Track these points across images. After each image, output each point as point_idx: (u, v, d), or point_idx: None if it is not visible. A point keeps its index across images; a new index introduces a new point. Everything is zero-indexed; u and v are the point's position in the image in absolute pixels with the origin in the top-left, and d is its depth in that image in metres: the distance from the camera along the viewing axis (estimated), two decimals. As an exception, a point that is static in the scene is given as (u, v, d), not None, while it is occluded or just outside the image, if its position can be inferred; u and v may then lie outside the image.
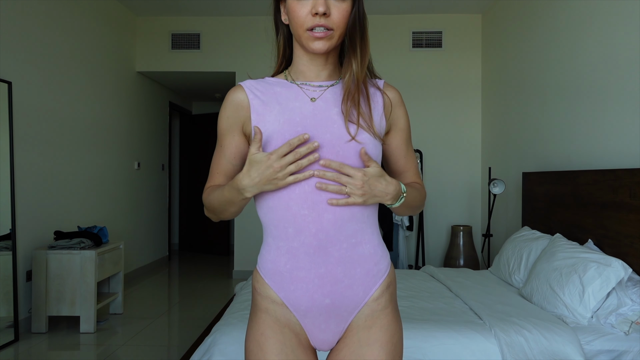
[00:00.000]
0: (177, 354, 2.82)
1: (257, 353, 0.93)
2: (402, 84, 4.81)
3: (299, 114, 0.93)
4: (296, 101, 0.95)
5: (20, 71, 3.15)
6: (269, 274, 0.95)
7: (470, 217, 4.80)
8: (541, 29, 3.48)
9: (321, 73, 0.98)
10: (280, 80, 1.00)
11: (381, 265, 0.97)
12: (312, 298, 0.92)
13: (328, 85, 0.98)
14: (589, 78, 2.84)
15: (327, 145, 0.90)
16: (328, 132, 0.91)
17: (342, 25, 0.90)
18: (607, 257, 2.16)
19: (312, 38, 0.89)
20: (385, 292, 0.96)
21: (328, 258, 0.90)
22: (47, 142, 3.45)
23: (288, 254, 0.92)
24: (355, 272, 0.92)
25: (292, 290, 0.92)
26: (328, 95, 0.96)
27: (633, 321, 1.97)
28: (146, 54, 4.98)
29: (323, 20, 0.87)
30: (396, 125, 1.03)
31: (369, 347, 0.92)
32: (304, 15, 0.88)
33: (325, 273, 0.91)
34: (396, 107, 1.02)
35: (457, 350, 1.88)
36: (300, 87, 0.97)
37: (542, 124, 3.45)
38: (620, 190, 2.32)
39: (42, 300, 3.10)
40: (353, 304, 0.93)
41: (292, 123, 0.91)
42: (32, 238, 3.25)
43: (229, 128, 0.98)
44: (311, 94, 0.96)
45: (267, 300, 0.95)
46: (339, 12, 0.88)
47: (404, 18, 4.83)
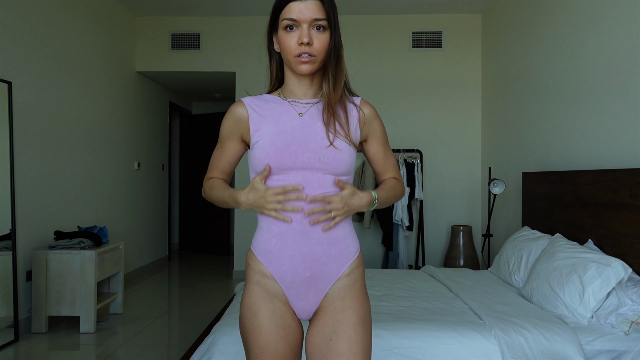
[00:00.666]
0: (177, 354, 2.82)
1: (250, 318, 1.14)
2: (402, 84, 4.81)
3: (289, 126, 1.15)
4: (287, 115, 1.17)
5: (20, 71, 3.15)
6: (261, 252, 1.16)
7: (470, 217, 4.80)
8: (541, 29, 3.48)
9: (308, 92, 1.20)
10: (274, 97, 1.21)
11: (352, 248, 1.19)
12: (296, 272, 1.13)
13: (313, 103, 1.20)
14: (590, 78, 2.84)
15: (311, 152, 1.12)
16: (312, 141, 1.13)
17: (322, 52, 1.12)
18: (607, 257, 2.16)
19: (299, 62, 1.11)
20: (355, 271, 1.18)
21: (309, 239, 1.13)
22: (47, 142, 3.45)
23: (277, 236, 1.14)
24: (330, 251, 1.15)
25: (279, 266, 1.14)
26: (313, 110, 1.18)
27: (633, 321, 1.97)
28: (146, 54, 4.98)
29: (307, 48, 1.10)
30: (373, 135, 1.26)
31: (343, 312, 1.13)
32: (292, 44, 1.11)
33: (307, 251, 1.13)
34: (371, 120, 1.24)
35: (457, 350, 1.88)
36: (290, 104, 1.19)
37: (542, 124, 3.45)
38: (621, 190, 2.32)
39: (42, 300, 3.10)
40: (328, 277, 1.15)
41: (283, 133, 1.14)
42: (32, 238, 3.25)
43: (230, 136, 1.21)
44: (299, 109, 1.18)
45: (258, 274, 1.16)
46: (319, 42, 1.11)
47: (404, 18, 4.83)
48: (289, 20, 1.10)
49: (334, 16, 1.13)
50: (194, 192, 6.63)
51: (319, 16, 1.10)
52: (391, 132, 4.77)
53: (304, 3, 1.09)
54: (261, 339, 1.12)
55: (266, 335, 1.12)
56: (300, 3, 1.09)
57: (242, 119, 1.18)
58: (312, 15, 1.09)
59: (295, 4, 1.09)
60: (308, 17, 1.09)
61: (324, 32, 1.11)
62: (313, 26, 1.10)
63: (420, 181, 4.50)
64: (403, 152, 4.58)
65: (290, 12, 1.10)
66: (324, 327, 1.13)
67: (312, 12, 1.09)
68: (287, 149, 1.11)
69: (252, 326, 1.13)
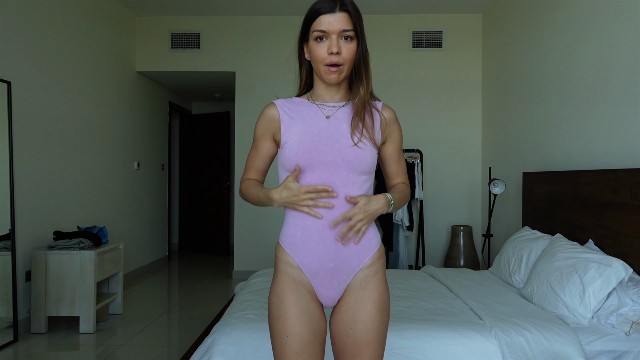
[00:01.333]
0: (177, 354, 2.82)
1: (278, 304, 1.22)
2: (402, 84, 4.81)
3: (317, 127, 1.25)
4: (315, 118, 1.27)
5: (19, 71, 3.15)
6: (288, 245, 1.25)
7: (470, 217, 4.79)
8: (541, 29, 3.48)
9: (335, 96, 1.30)
10: (303, 100, 1.32)
11: (373, 242, 1.27)
12: (320, 262, 1.22)
13: (340, 106, 1.29)
14: (590, 78, 2.83)
15: (336, 151, 1.21)
16: (337, 142, 1.23)
17: (349, 61, 1.21)
18: (608, 258, 2.16)
19: (328, 72, 1.21)
20: (376, 262, 1.26)
21: (332, 233, 1.21)
22: (47, 142, 3.44)
23: (303, 230, 1.23)
24: (352, 244, 1.23)
25: (305, 257, 1.23)
26: (339, 114, 1.28)
27: (634, 321, 1.97)
28: (146, 53, 4.97)
29: (335, 57, 1.19)
30: (391, 137, 1.34)
31: (363, 304, 1.22)
32: (322, 54, 1.20)
33: (331, 244, 1.21)
34: (391, 124, 1.33)
35: (457, 350, 1.87)
36: (318, 107, 1.29)
37: (543, 123, 3.45)
38: (621, 190, 2.32)
39: (41, 300, 3.09)
40: (350, 268, 1.24)
41: (311, 134, 1.24)
42: (31, 238, 3.25)
43: (263, 135, 1.31)
44: (327, 112, 1.28)
45: (286, 265, 1.25)
46: (347, 51, 1.21)
47: (404, 18, 4.82)
48: (320, 32, 1.19)
49: (360, 27, 1.23)
50: (193, 192, 6.63)
51: (347, 27, 1.19)
52: (391, 132, 4.77)
53: (333, 16, 1.19)
54: (287, 324, 1.19)
55: (292, 319, 1.19)
56: (330, 16, 1.19)
57: (275, 119, 1.28)
58: (341, 27, 1.19)
59: (325, 17, 1.19)
60: (337, 28, 1.18)
61: (351, 42, 1.21)
62: (341, 37, 1.19)
63: (420, 181, 4.49)
64: (403, 152, 4.57)
65: (320, 24, 1.19)
66: (345, 315, 1.23)
67: (340, 24, 1.19)
68: (314, 148, 1.21)
69: (279, 312, 1.21)
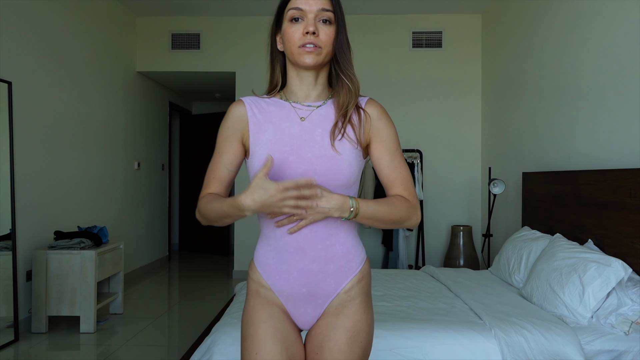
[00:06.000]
0: (177, 354, 2.82)
1: (247, 323, 1.12)
2: (402, 84, 4.81)
3: (288, 134, 1.09)
4: (287, 121, 1.11)
5: (20, 71, 3.15)
6: (260, 264, 1.14)
7: (470, 217, 4.80)
8: (541, 29, 3.48)
9: (311, 93, 1.13)
10: (275, 100, 1.15)
11: (353, 263, 1.13)
12: (292, 286, 1.10)
13: (316, 106, 1.13)
14: (590, 78, 2.84)
15: (308, 163, 1.06)
16: (310, 151, 1.07)
17: (328, 45, 1.07)
18: (607, 257, 2.16)
19: (304, 52, 1.06)
20: (356, 286, 1.12)
21: (305, 256, 1.08)
22: (47, 142, 3.45)
23: (275, 251, 1.10)
24: (328, 268, 1.09)
25: (277, 279, 1.11)
26: (314, 116, 1.12)
27: (633, 321, 1.97)
28: (146, 54, 4.98)
29: (312, 38, 1.05)
30: (378, 137, 1.13)
31: (334, 330, 1.09)
32: (297, 35, 1.06)
33: (303, 268, 1.09)
34: (377, 121, 1.13)
35: (457, 350, 1.88)
36: (292, 107, 1.13)
37: (542, 123, 3.45)
38: (621, 190, 2.32)
39: (42, 300, 3.10)
40: (326, 293, 1.11)
41: (282, 143, 1.08)
42: (32, 238, 3.25)
43: (229, 137, 1.13)
44: (301, 113, 1.12)
45: (257, 284, 1.14)
46: (325, 34, 1.07)
47: (404, 18, 4.82)
48: (295, 10, 1.07)
49: (340, 13, 1.11)
50: (194, 192, 6.63)
51: (326, 7, 1.07)
52: (391, 132, 4.77)
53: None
54: (257, 342, 1.07)
55: (262, 337, 1.08)
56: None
57: (242, 119, 1.12)
58: (319, 6, 1.07)
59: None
60: (314, 7, 1.06)
61: (330, 25, 1.08)
62: (319, 19, 1.07)
63: (420, 181, 4.50)
64: (403, 152, 4.58)
65: (296, 2, 1.07)
66: (314, 338, 1.11)
67: (318, 3, 1.07)
68: (285, 160, 1.06)
69: (249, 331, 1.10)
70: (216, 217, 1.08)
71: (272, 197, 0.95)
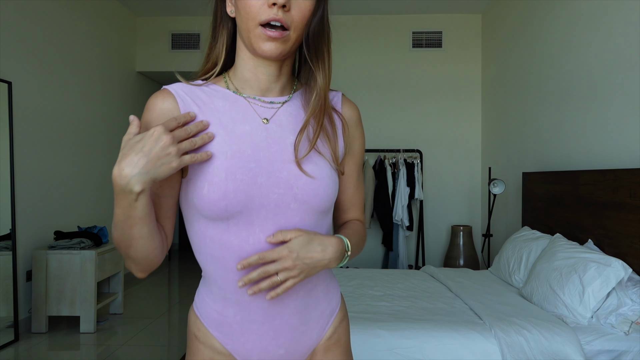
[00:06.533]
0: (177, 354, 2.82)
1: None
2: (402, 84, 4.81)
3: (250, 143, 0.76)
4: (245, 123, 0.77)
5: (20, 71, 3.15)
6: (214, 324, 0.82)
7: (470, 217, 4.80)
8: (541, 29, 3.48)
9: (273, 85, 0.81)
10: (220, 89, 0.80)
11: (333, 302, 0.88)
12: (266, 350, 0.81)
13: (281, 102, 0.81)
14: (589, 78, 2.84)
15: (285, 185, 0.76)
16: (285, 168, 0.76)
17: (300, 26, 0.74)
18: (607, 257, 2.16)
19: (264, 37, 0.73)
20: (339, 327, 0.89)
21: (284, 309, 0.80)
22: (47, 142, 3.45)
23: (238, 306, 0.79)
24: (310, 316, 0.84)
25: (242, 343, 0.81)
26: (282, 116, 0.80)
27: (633, 321, 1.97)
28: (146, 54, 4.98)
29: (281, 13, 0.71)
30: (351, 149, 0.87)
31: None
32: (258, 5, 0.71)
33: (281, 324, 0.80)
34: (353, 128, 0.87)
35: (457, 350, 1.88)
36: (248, 102, 0.79)
37: (542, 124, 3.45)
38: (620, 190, 2.32)
39: (42, 300, 3.10)
40: (307, 348, 0.85)
41: (243, 157, 0.74)
42: (32, 238, 3.25)
43: None
44: (263, 112, 0.79)
45: (210, 351, 0.82)
46: (299, 10, 0.73)
47: (404, 18, 4.83)
48: None
49: None
50: (194, 192, 6.62)
51: None
52: (391, 132, 4.78)
53: None
54: None
55: None
56: None
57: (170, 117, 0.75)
58: None
59: None
60: None
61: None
62: None
63: (420, 181, 4.50)
64: (403, 152, 4.58)
65: None
66: None
67: None
68: (252, 183, 0.74)
69: None
70: (122, 234, 0.71)
71: (157, 141, 0.66)
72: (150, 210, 0.70)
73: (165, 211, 0.78)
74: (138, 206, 0.68)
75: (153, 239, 0.74)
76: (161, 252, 0.77)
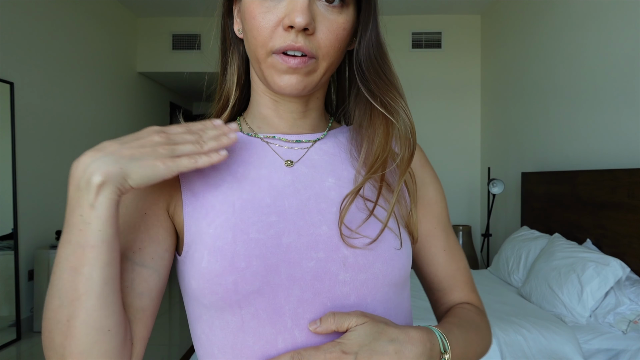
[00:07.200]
0: (178, 354, 2.84)
1: None
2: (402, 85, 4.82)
3: (269, 189, 0.53)
4: (262, 167, 0.55)
5: (22, 72, 3.17)
6: None
7: (469, 217, 4.81)
8: (540, 30, 3.49)
9: (299, 122, 0.60)
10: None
11: None
12: None
13: (312, 140, 0.59)
14: (588, 78, 2.85)
15: (324, 247, 0.51)
16: (324, 223, 0.52)
17: (332, 52, 0.53)
18: (606, 257, 2.17)
19: (281, 68, 0.52)
20: None
21: None
22: (49, 142, 3.46)
23: None
24: None
25: None
26: (314, 155, 0.58)
27: (631, 320, 1.99)
28: (147, 54, 4.99)
29: (302, 39, 0.50)
30: (423, 199, 0.62)
31: None
32: (269, 27, 0.51)
33: None
34: (419, 170, 0.63)
35: (456, 349, 1.89)
36: (266, 143, 0.58)
37: (542, 124, 3.47)
38: (619, 190, 2.34)
39: (43, 299, 3.10)
40: None
41: (260, 208, 0.52)
42: (33, 237, 3.26)
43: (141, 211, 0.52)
44: (285, 153, 0.57)
45: None
46: (328, 32, 0.52)
47: (404, 19, 4.84)
48: None
49: None
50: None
51: None
52: (391, 133, 4.79)
53: None
54: None
55: None
56: None
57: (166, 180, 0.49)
58: None
59: None
60: None
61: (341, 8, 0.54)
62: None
63: (420, 181, 4.51)
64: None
65: None
66: None
67: None
68: (275, 245, 0.51)
69: None
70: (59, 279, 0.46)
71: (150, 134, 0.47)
72: (111, 240, 0.44)
73: (139, 294, 0.49)
74: (93, 219, 0.43)
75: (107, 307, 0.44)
76: (116, 353, 0.45)
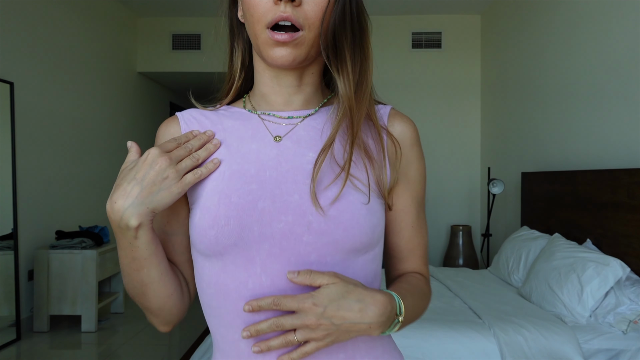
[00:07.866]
0: (178, 353, 2.84)
1: None
2: (402, 85, 4.83)
3: (255, 162, 0.62)
4: (253, 142, 0.64)
5: (22, 72, 3.17)
6: None
7: (469, 217, 4.81)
8: (540, 30, 3.49)
9: (293, 98, 0.67)
10: (236, 109, 0.69)
11: None
12: None
13: (302, 116, 0.66)
14: (588, 78, 2.85)
15: (293, 212, 0.59)
16: (297, 191, 0.60)
17: (316, 24, 0.59)
18: (606, 257, 2.17)
19: (272, 42, 0.59)
20: None
21: None
22: (49, 142, 3.46)
23: None
24: None
25: None
26: (301, 131, 0.65)
27: (631, 320, 1.99)
28: (147, 54, 4.99)
29: (289, 9, 0.57)
30: (405, 176, 0.67)
31: None
32: (263, 3, 0.58)
33: None
34: (407, 148, 0.67)
35: (456, 349, 1.89)
36: (261, 119, 0.66)
37: (541, 124, 3.47)
38: (619, 190, 2.34)
39: (43, 299, 3.11)
40: None
41: (244, 177, 0.61)
42: (33, 238, 3.26)
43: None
44: (275, 129, 0.65)
45: None
46: (314, 4, 0.59)
47: (404, 18, 4.84)
48: None
49: None
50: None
51: None
52: (391, 133, 4.79)
53: None
54: None
55: None
56: None
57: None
58: None
59: None
60: None
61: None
62: None
63: (420, 181, 4.51)
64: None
65: None
66: None
67: None
68: (251, 208, 0.59)
69: None
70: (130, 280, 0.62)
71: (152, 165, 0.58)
72: (156, 250, 0.61)
73: (179, 253, 0.68)
74: (139, 245, 0.58)
75: (166, 284, 0.63)
76: (180, 301, 0.65)
